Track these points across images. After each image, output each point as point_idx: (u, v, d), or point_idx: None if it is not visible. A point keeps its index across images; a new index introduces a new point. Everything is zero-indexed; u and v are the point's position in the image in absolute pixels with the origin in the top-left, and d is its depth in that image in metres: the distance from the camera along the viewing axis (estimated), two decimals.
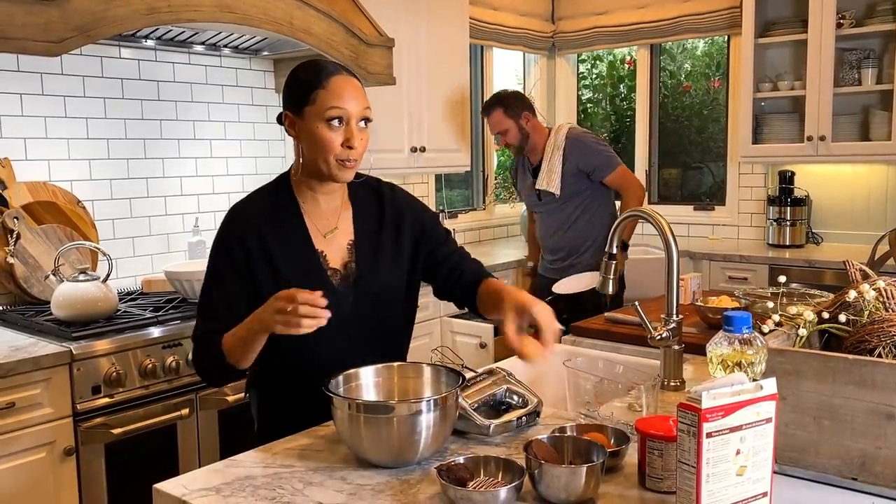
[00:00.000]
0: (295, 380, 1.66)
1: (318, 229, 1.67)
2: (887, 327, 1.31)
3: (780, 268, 3.89)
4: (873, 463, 1.21)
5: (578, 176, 3.50)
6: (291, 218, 1.66)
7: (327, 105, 1.57)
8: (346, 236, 1.70)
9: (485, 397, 1.56)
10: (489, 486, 1.22)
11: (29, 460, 2.21)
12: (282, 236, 1.64)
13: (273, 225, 1.64)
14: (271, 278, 1.61)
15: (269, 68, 3.58)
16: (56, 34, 2.27)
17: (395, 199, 1.77)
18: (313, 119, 1.58)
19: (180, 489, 1.30)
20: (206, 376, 1.69)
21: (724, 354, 1.35)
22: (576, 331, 2.35)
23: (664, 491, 1.23)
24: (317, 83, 1.58)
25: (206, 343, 1.60)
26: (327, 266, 1.66)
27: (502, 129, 3.58)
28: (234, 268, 1.62)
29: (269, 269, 1.61)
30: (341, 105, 1.57)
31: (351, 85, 1.60)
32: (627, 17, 4.89)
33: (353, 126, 1.59)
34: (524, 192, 3.81)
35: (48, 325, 2.45)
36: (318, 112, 1.57)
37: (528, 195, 3.76)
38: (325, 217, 1.69)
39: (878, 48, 4.00)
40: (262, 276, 1.61)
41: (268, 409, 1.76)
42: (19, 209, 2.71)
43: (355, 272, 1.68)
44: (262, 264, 1.61)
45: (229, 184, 3.49)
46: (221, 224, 1.67)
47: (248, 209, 1.67)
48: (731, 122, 4.67)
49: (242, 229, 1.63)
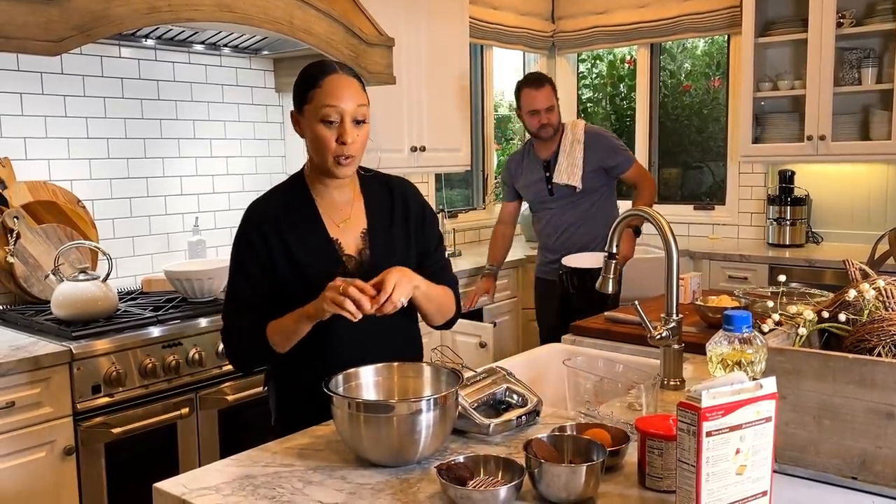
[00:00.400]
0: (314, 367, 1.66)
1: (333, 219, 1.75)
2: (887, 326, 1.31)
3: (780, 267, 3.89)
4: (873, 462, 1.21)
5: (598, 172, 3.46)
6: (306, 209, 1.74)
7: (322, 104, 1.64)
8: (360, 225, 1.77)
9: (485, 396, 1.56)
10: (489, 485, 1.22)
11: (29, 460, 2.21)
12: (298, 226, 1.72)
13: (289, 216, 1.72)
14: (289, 265, 1.69)
15: (269, 68, 3.58)
16: (56, 33, 2.27)
17: (404, 193, 1.85)
18: (311, 118, 1.66)
19: (180, 488, 1.30)
20: (241, 365, 1.78)
21: (723, 353, 1.35)
22: (576, 330, 2.35)
23: (664, 490, 1.23)
24: (313, 83, 1.66)
25: (244, 333, 1.69)
26: (342, 253, 1.74)
27: (551, 105, 3.45)
28: (257, 259, 1.70)
29: (287, 256, 1.70)
30: (335, 103, 1.64)
31: (346, 83, 1.66)
32: (627, 16, 4.89)
33: (346, 124, 1.65)
34: (530, 188, 3.60)
35: (48, 324, 2.45)
36: (315, 111, 1.65)
37: (535, 191, 3.58)
38: (339, 208, 1.77)
39: (879, 47, 4.00)
40: (281, 263, 1.69)
41: (286, 400, 1.80)
42: (19, 209, 2.71)
43: (370, 258, 1.74)
44: (281, 252, 1.70)
45: (229, 183, 3.49)
46: (241, 220, 1.75)
47: (266, 204, 1.76)
48: (731, 121, 4.67)
49: (261, 222, 1.71)
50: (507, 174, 3.72)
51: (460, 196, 5.03)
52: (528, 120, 3.49)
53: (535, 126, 3.47)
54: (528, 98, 3.46)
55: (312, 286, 1.63)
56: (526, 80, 3.53)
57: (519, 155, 3.70)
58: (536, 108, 3.43)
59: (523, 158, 3.65)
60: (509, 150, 5.43)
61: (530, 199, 3.67)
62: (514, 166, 3.69)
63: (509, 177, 3.70)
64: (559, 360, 1.78)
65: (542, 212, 3.61)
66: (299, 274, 1.68)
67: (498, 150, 5.23)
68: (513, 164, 3.70)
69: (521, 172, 3.64)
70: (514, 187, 3.68)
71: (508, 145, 5.42)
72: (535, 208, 3.68)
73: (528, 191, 3.64)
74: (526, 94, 3.47)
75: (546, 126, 3.45)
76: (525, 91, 3.48)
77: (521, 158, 3.67)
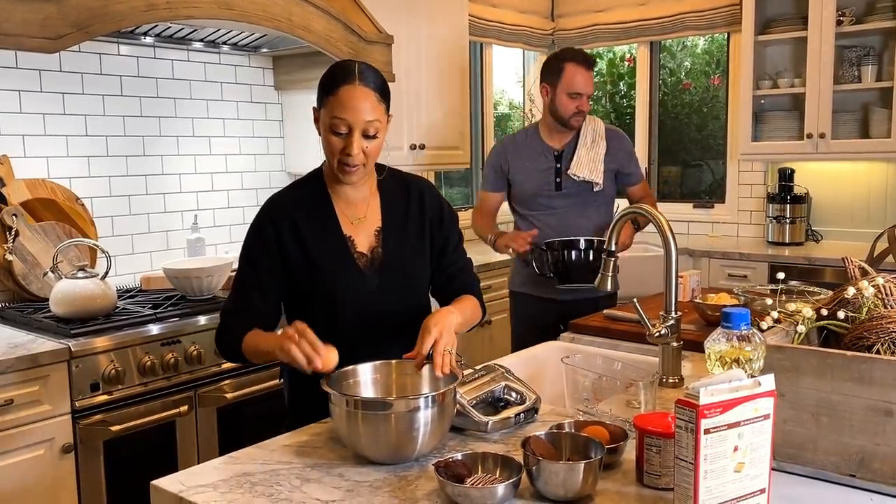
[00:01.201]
0: None
1: (347, 216, 1.76)
2: (886, 324, 1.31)
3: (780, 265, 3.89)
4: (872, 460, 1.21)
5: (610, 175, 3.02)
6: (322, 205, 1.76)
7: (332, 114, 1.64)
8: (374, 223, 1.78)
9: (483, 394, 1.56)
10: (487, 482, 1.22)
11: (27, 457, 2.21)
12: (313, 221, 1.73)
13: (305, 211, 1.74)
14: (302, 259, 1.71)
15: (268, 65, 3.57)
16: (54, 31, 2.26)
17: (421, 193, 1.84)
18: (323, 122, 1.68)
19: (178, 486, 1.29)
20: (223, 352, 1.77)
21: (722, 351, 1.35)
22: (574, 328, 2.35)
23: (662, 487, 1.22)
24: (330, 89, 1.65)
25: (231, 320, 1.72)
26: (355, 250, 1.75)
27: (592, 92, 2.99)
28: (266, 250, 1.71)
29: (301, 250, 1.71)
30: (343, 116, 1.63)
31: (361, 96, 1.63)
32: (627, 14, 4.88)
33: (354, 136, 1.64)
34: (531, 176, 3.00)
35: (47, 322, 2.45)
36: (325, 118, 1.66)
37: (537, 182, 2.99)
38: (354, 205, 1.78)
39: (878, 45, 3.99)
40: (294, 256, 1.71)
41: (299, 392, 1.80)
42: (18, 206, 2.71)
43: (382, 256, 1.76)
44: (294, 246, 1.71)
45: (228, 181, 3.49)
46: (258, 212, 1.77)
47: (283, 198, 1.78)
48: (730, 119, 4.66)
49: (276, 215, 1.73)
50: (498, 158, 3.07)
51: (460, 194, 5.03)
52: (563, 102, 2.92)
53: (570, 110, 2.92)
54: (572, 77, 2.90)
55: (325, 282, 1.69)
56: (573, 56, 2.95)
57: (516, 138, 3.12)
58: (579, 91, 2.90)
59: (523, 142, 3.07)
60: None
61: (526, 190, 3.02)
62: (509, 148, 3.06)
63: (501, 161, 3.05)
64: (557, 357, 1.78)
65: (538, 211, 3.00)
66: (312, 269, 1.70)
67: None
68: (508, 146, 3.07)
69: (520, 157, 3.04)
70: (505, 175, 3.05)
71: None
72: (527, 206, 3.04)
73: (525, 179, 3.01)
74: (571, 71, 2.90)
75: (580, 114, 2.95)
76: (570, 68, 2.91)
77: (520, 141, 3.08)
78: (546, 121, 3.04)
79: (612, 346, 2.19)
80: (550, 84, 2.97)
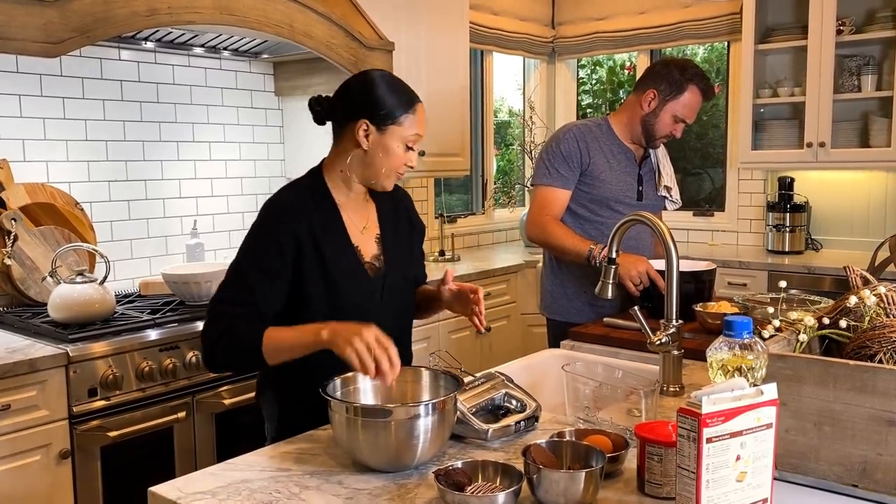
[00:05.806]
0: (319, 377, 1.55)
1: (354, 224, 1.78)
2: (888, 333, 1.31)
3: (779, 274, 3.88)
4: (874, 469, 1.20)
5: None
6: (331, 213, 1.74)
7: (413, 131, 1.72)
8: (374, 231, 1.82)
9: (483, 402, 1.56)
10: (487, 490, 1.21)
11: (24, 463, 2.19)
12: (327, 231, 1.72)
13: (319, 219, 1.71)
14: (318, 269, 1.67)
15: (268, 71, 3.57)
16: (55, 35, 2.26)
17: (405, 202, 1.94)
18: (394, 137, 1.70)
19: (176, 492, 1.29)
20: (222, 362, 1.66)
21: (724, 359, 1.34)
22: (574, 336, 2.34)
23: (663, 497, 1.22)
24: (409, 107, 1.73)
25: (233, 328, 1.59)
26: (363, 260, 1.76)
27: None
28: (282, 258, 1.65)
29: (318, 263, 1.68)
30: (421, 132, 1.75)
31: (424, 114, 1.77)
32: (627, 22, 4.89)
33: (415, 149, 1.76)
34: (614, 178, 2.65)
35: (45, 326, 2.44)
36: (403, 134, 1.71)
37: (620, 186, 2.65)
38: (358, 213, 1.80)
39: (878, 55, 4.00)
40: (310, 269, 1.67)
41: (291, 410, 1.75)
42: (17, 210, 2.70)
43: (384, 264, 1.78)
44: (312, 258, 1.67)
45: (228, 186, 3.48)
46: (267, 214, 1.69)
47: (295, 202, 1.71)
48: (730, 127, 4.67)
49: (294, 220, 1.67)
50: (577, 145, 2.62)
51: (459, 201, 5.02)
52: (665, 121, 2.63)
53: (665, 132, 2.65)
54: (690, 101, 2.63)
55: (337, 292, 1.68)
56: (701, 80, 2.64)
57: (591, 128, 2.70)
58: (686, 119, 2.66)
59: (601, 136, 2.68)
60: (509, 156, 5.42)
61: (607, 192, 2.64)
62: (588, 138, 2.64)
63: (581, 150, 2.62)
64: (558, 365, 1.78)
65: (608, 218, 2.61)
66: (327, 279, 1.69)
67: (497, 156, 5.22)
68: (586, 135, 2.65)
69: (601, 152, 2.65)
70: (582, 169, 2.62)
71: (508, 151, 5.42)
72: (597, 210, 2.65)
73: (610, 178, 2.64)
74: (692, 95, 2.62)
75: (669, 139, 2.72)
76: (693, 91, 2.62)
77: (597, 133, 2.68)
78: (626, 122, 2.70)
79: (613, 354, 2.18)
80: (662, 95, 2.62)
